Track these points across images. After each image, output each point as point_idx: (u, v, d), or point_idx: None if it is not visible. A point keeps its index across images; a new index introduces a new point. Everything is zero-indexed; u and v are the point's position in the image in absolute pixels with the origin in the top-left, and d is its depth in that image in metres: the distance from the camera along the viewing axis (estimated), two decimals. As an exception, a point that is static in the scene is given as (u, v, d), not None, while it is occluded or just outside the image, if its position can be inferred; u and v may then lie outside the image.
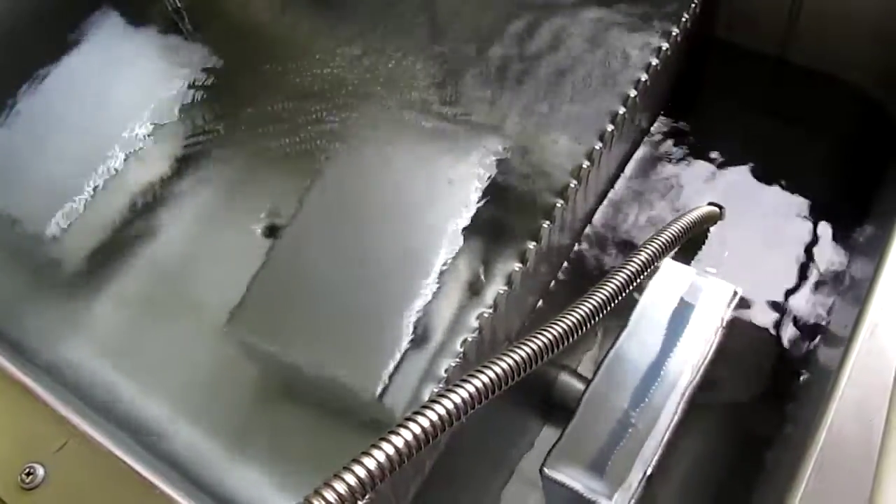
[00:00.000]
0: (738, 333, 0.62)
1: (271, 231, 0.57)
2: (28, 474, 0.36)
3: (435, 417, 0.35)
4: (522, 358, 0.40)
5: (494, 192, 0.54)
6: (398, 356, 0.46)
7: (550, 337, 0.41)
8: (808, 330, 0.63)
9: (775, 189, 0.70)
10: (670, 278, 0.59)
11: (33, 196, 0.58)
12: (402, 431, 0.34)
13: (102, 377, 0.50)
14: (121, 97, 0.64)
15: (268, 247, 0.54)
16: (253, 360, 0.51)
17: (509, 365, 0.39)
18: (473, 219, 0.52)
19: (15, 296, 0.56)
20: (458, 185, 0.54)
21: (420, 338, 0.47)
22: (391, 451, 0.33)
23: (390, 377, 0.45)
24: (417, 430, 0.35)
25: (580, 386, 0.63)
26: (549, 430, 0.67)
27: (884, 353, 0.33)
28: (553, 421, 0.67)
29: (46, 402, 0.39)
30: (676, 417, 0.53)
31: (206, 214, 0.60)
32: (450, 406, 0.36)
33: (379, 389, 0.45)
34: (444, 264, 0.50)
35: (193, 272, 0.56)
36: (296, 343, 0.48)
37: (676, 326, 0.57)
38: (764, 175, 0.71)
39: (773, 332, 0.64)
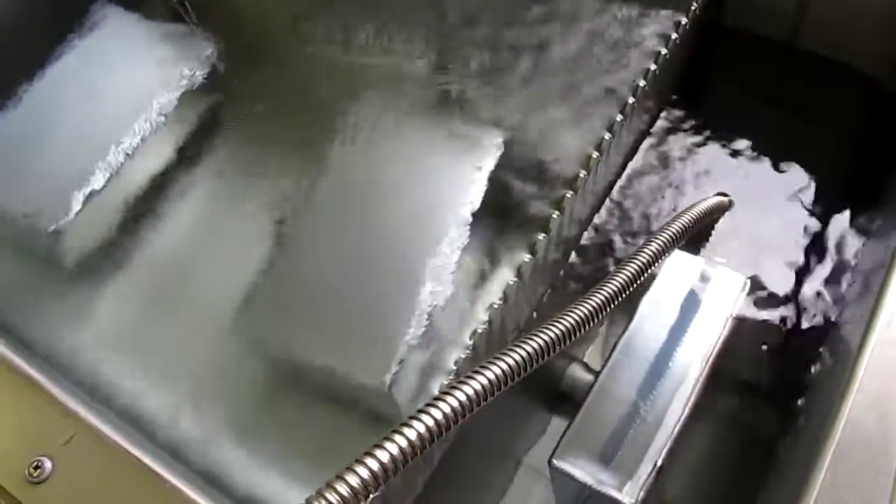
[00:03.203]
0: (747, 324, 0.62)
1: (278, 226, 0.56)
2: (36, 468, 0.36)
3: (447, 410, 0.35)
4: (533, 350, 0.39)
5: (502, 184, 0.54)
6: (407, 349, 0.46)
7: (561, 329, 0.41)
8: (820, 320, 0.63)
9: (785, 177, 0.70)
10: (679, 268, 0.59)
11: (38, 189, 0.58)
12: (416, 424, 0.34)
13: (109, 371, 0.50)
14: (126, 89, 0.64)
15: (275, 242, 0.54)
16: (262, 354, 0.51)
17: (521, 357, 0.39)
18: (481, 211, 0.52)
19: (22, 289, 0.56)
20: (465, 176, 0.54)
21: (429, 330, 0.47)
22: (404, 444, 0.33)
23: (399, 370, 0.45)
24: (430, 423, 0.34)
25: (588, 377, 0.63)
26: (557, 421, 0.67)
27: (901, 345, 0.32)
28: (561, 412, 0.67)
29: (54, 395, 0.39)
30: (686, 409, 0.53)
31: (212, 209, 0.60)
32: (462, 398, 0.36)
33: (388, 382, 0.45)
34: (453, 257, 0.50)
35: (200, 267, 0.56)
36: (305, 337, 0.48)
37: (685, 317, 0.57)
38: (773, 163, 0.71)
39: (783, 322, 0.64)
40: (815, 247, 0.66)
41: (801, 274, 0.65)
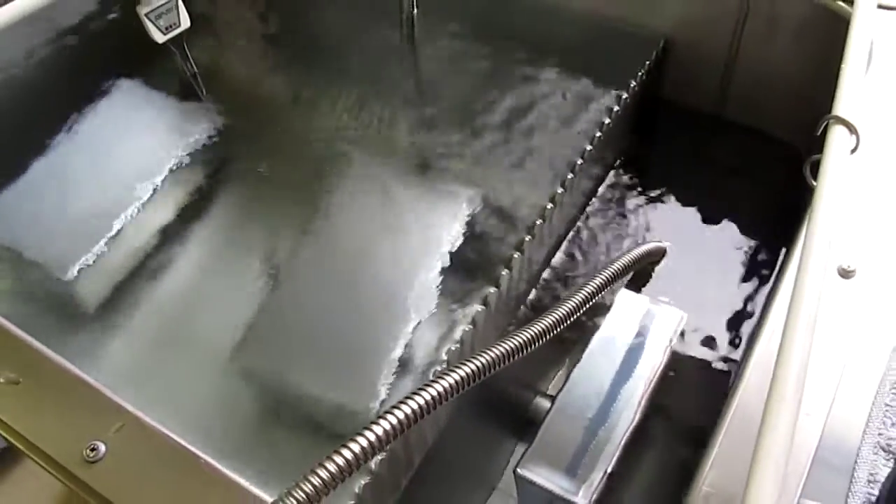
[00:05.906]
0: (685, 350, 0.69)
1: (272, 271, 0.62)
2: (92, 450, 0.43)
3: (409, 410, 0.41)
4: (478, 367, 0.44)
5: (473, 230, 0.62)
6: (391, 380, 0.52)
7: (503, 351, 0.47)
8: (743, 343, 0.71)
9: (716, 228, 0.78)
10: (627, 305, 0.66)
11: (65, 242, 0.64)
12: (388, 418, 0.40)
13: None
14: (139, 152, 0.71)
15: (270, 286, 0.59)
16: (257, 386, 0.55)
17: (466, 373, 0.43)
18: (455, 252, 0.60)
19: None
20: (438, 226, 0.62)
21: (410, 357, 0.54)
22: (381, 431, 0.39)
23: (385, 398, 0.51)
24: (402, 416, 0.40)
25: (549, 404, 0.69)
26: (523, 446, 0.72)
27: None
28: (527, 438, 0.71)
29: (105, 393, 0.46)
30: (632, 424, 0.60)
31: (214, 257, 0.65)
32: (414, 406, 0.41)
33: (375, 410, 0.51)
34: (432, 290, 0.57)
35: (203, 308, 0.61)
36: (297, 370, 0.54)
37: (632, 346, 0.64)
38: (705, 216, 0.79)
39: (714, 347, 0.71)
40: (740, 284, 0.74)
41: (730, 306, 0.73)
